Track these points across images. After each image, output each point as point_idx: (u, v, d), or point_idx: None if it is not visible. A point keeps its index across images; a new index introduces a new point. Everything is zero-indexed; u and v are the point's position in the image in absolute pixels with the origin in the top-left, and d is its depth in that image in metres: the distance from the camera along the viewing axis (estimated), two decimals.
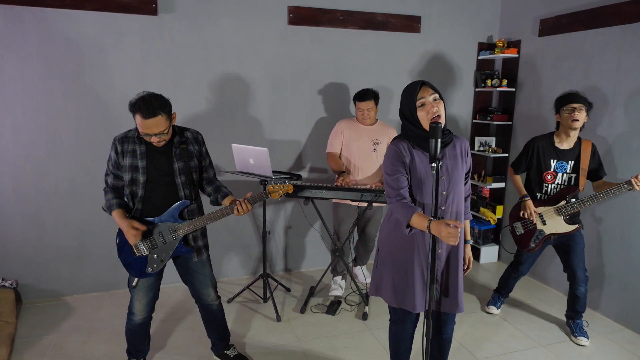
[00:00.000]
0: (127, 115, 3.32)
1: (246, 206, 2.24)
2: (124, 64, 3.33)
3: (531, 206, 2.91)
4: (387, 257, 2.08)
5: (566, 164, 2.89)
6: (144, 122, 2.05)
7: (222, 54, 3.54)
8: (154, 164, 2.21)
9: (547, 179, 2.92)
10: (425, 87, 1.89)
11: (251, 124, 3.73)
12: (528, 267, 3.17)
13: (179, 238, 2.27)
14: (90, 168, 3.38)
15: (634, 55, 3.02)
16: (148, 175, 2.20)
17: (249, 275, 3.97)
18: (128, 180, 2.21)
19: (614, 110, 3.17)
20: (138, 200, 2.23)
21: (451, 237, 1.71)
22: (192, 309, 3.32)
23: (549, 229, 2.91)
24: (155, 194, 2.23)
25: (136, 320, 2.38)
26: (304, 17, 3.67)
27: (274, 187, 2.32)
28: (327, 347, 2.88)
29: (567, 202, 2.83)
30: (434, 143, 1.77)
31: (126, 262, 2.30)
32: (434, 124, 1.78)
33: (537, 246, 2.96)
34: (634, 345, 2.94)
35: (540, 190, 2.94)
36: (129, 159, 2.19)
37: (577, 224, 2.88)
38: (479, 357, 2.79)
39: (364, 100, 3.31)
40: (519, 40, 4.01)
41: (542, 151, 2.91)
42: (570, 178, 2.89)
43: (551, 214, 2.88)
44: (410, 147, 1.96)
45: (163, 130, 2.10)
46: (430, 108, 1.87)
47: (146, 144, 2.21)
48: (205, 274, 2.42)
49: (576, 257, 2.92)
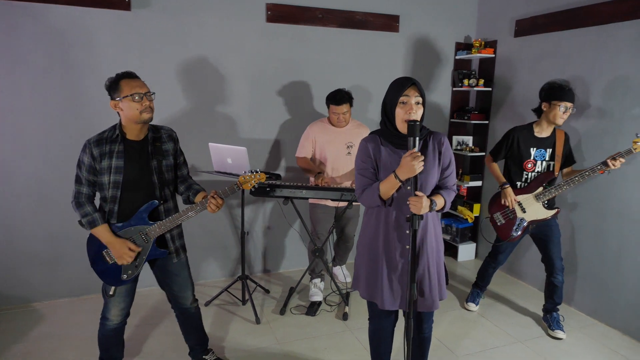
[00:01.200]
0: (101, 113, 3.26)
1: (217, 201, 2.17)
2: (97, 61, 3.22)
3: (511, 193, 2.96)
4: (363, 250, 2.13)
5: (545, 151, 2.96)
6: (131, 82, 2.08)
7: (200, 51, 3.46)
8: (131, 162, 2.14)
9: (527, 167, 2.97)
10: (413, 87, 1.90)
11: (229, 123, 3.66)
12: (506, 256, 3.24)
13: (152, 241, 2.19)
14: (62, 168, 3.25)
15: (608, 55, 3.09)
16: (127, 174, 2.13)
17: (226, 277, 3.90)
18: (107, 182, 2.12)
19: (588, 108, 3.24)
20: (115, 201, 2.14)
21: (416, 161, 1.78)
22: (168, 313, 3.23)
23: (529, 216, 2.96)
24: (133, 194, 2.15)
25: (110, 326, 2.29)
26: (283, 15, 3.63)
27: (245, 178, 2.25)
28: (308, 349, 2.84)
29: (545, 188, 2.89)
30: (412, 141, 1.83)
31: (100, 272, 2.21)
32: (412, 122, 1.82)
33: (520, 234, 3.00)
34: (609, 339, 3.01)
35: (521, 179, 3.00)
36: (108, 161, 2.10)
37: (557, 208, 2.94)
38: (459, 355, 2.81)
39: (340, 105, 3.19)
40: (495, 41, 4.06)
41: (522, 140, 2.97)
42: (549, 165, 2.96)
43: (530, 201, 2.94)
44: (380, 143, 2.01)
45: (149, 92, 2.11)
46: (409, 109, 1.89)
47: (124, 142, 2.14)
48: (184, 276, 2.36)
49: (554, 247, 2.99)
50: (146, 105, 2.09)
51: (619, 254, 3.09)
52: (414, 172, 1.81)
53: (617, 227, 3.09)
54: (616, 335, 3.07)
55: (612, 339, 3.01)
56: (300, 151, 3.40)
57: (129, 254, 2.13)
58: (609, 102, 3.09)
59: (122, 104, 2.08)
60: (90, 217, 2.11)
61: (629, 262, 3.03)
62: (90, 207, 2.12)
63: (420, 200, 1.82)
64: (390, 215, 2.01)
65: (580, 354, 2.84)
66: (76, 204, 2.13)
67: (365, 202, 2.02)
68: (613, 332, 3.10)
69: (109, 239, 2.12)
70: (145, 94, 2.10)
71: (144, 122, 2.12)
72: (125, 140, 2.14)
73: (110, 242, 2.12)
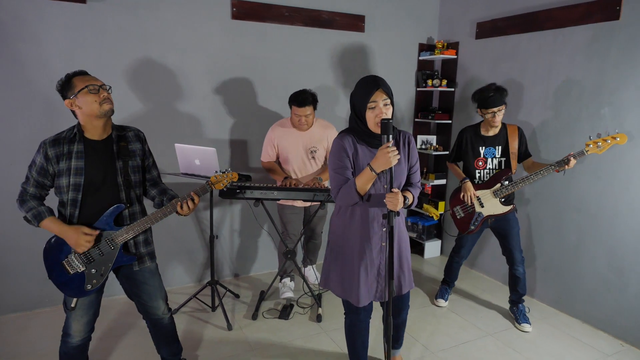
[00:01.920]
0: (53, 112, 3.03)
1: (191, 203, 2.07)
2: (49, 55, 2.99)
3: (470, 188, 3.07)
4: (335, 249, 2.16)
5: (494, 149, 3.08)
6: (85, 77, 1.97)
7: (162, 47, 3.30)
8: (93, 163, 1.99)
9: (478, 165, 3.11)
10: (379, 91, 1.94)
11: (194, 123, 3.52)
12: (468, 250, 3.35)
13: (118, 247, 2.05)
14: (9, 172, 2.99)
15: (564, 57, 3.24)
16: (88, 176, 1.97)
17: (194, 283, 3.75)
18: (67, 185, 1.96)
19: (545, 108, 3.39)
20: (75, 205, 1.98)
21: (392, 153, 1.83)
22: (134, 323, 3.06)
23: (486, 211, 3.08)
24: (95, 197, 2.00)
25: (73, 343, 2.11)
26: (248, 12, 3.54)
27: (217, 177, 2.17)
28: (284, 354, 2.78)
29: (502, 185, 3.01)
30: (385, 138, 1.88)
31: (60, 283, 2.03)
32: (385, 120, 1.88)
33: (476, 228, 3.13)
34: (570, 328, 3.16)
35: (474, 176, 3.13)
36: (66, 162, 1.95)
37: (512, 205, 3.06)
38: (434, 351, 2.84)
39: (302, 107, 3.03)
40: (457, 42, 4.17)
41: (470, 140, 3.12)
42: (501, 162, 3.08)
43: (488, 197, 3.05)
44: (355, 141, 2.04)
45: (104, 85, 2.00)
46: (379, 112, 1.95)
47: (83, 142, 1.98)
48: (154, 284, 2.20)
49: (512, 240, 3.11)
50: (104, 96, 1.96)
51: (577, 246, 3.25)
52: (389, 163, 1.86)
53: (575, 222, 3.25)
54: (577, 324, 3.22)
55: (573, 328, 3.16)
56: (264, 156, 3.30)
57: (86, 238, 1.96)
58: (565, 102, 3.24)
59: (78, 101, 1.93)
60: (35, 210, 1.97)
61: (587, 255, 3.19)
62: (35, 202, 1.99)
63: (397, 197, 1.88)
64: (364, 213, 2.06)
65: (545, 343, 2.96)
66: (20, 201, 2.01)
67: (342, 200, 2.01)
68: (574, 321, 3.26)
69: (59, 228, 1.96)
70: (101, 86, 1.98)
71: (106, 115, 1.98)
72: (85, 139, 2.00)
73: (61, 231, 1.96)
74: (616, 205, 2.99)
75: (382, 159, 1.86)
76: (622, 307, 2.99)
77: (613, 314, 3.04)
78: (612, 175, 3.00)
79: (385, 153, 1.84)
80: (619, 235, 2.99)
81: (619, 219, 2.98)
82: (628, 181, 2.92)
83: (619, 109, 2.93)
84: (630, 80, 2.87)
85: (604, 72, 3.01)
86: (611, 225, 3.03)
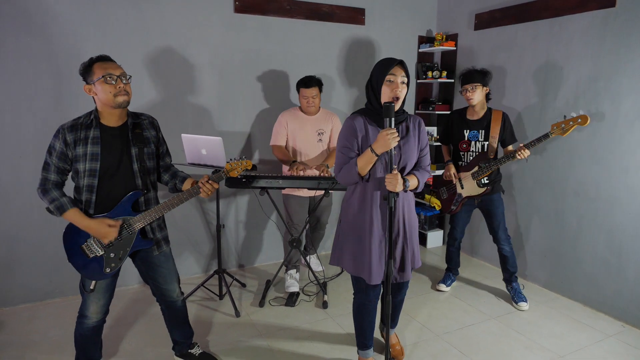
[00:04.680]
0: (60, 105, 3.07)
1: (212, 185, 2.12)
2: (54, 48, 3.03)
3: (451, 168, 3.23)
4: (347, 227, 2.19)
5: (477, 132, 3.18)
6: (105, 64, 1.98)
7: (166, 40, 3.35)
8: (108, 149, 2.03)
9: (462, 147, 3.23)
10: (399, 66, 1.98)
11: (199, 114, 3.57)
12: (461, 231, 3.46)
13: (135, 232, 2.10)
14: (18, 165, 3.04)
15: (560, 46, 3.31)
16: (104, 162, 2.01)
17: (200, 273, 3.80)
18: (82, 170, 2.00)
19: (541, 97, 3.45)
20: (92, 191, 2.02)
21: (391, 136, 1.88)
22: (142, 312, 3.11)
23: (465, 192, 3.22)
24: (111, 183, 2.04)
25: (89, 324, 2.17)
26: (250, 5, 3.59)
27: (232, 165, 2.21)
28: (292, 338, 2.82)
29: (480, 167, 3.10)
30: (388, 121, 1.93)
31: (79, 266, 2.08)
32: (387, 103, 1.92)
33: (457, 208, 3.28)
34: (572, 311, 3.22)
35: (461, 158, 3.26)
36: (82, 148, 1.99)
37: (487, 187, 3.14)
38: (439, 333, 2.90)
39: (309, 87, 3.26)
40: (456, 34, 4.23)
41: (456, 123, 3.25)
42: (483, 146, 3.17)
43: (468, 179, 3.18)
44: (366, 122, 2.08)
45: (124, 73, 2.02)
46: (395, 87, 1.98)
47: (100, 128, 2.03)
48: (169, 268, 2.27)
49: (496, 219, 3.23)
50: (121, 88, 1.98)
51: (578, 231, 3.31)
52: (388, 146, 1.91)
53: (575, 206, 3.31)
54: (578, 307, 3.28)
55: (574, 310, 3.22)
56: (275, 139, 3.39)
57: (111, 230, 2.02)
58: (562, 89, 3.30)
59: (95, 88, 1.97)
60: (57, 202, 1.98)
61: (587, 239, 3.25)
62: (58, 192, 2.00)
63: (396, 177, 1.93)
64: (375, 194, 2.10)
65: (547, 325, 3.02)
66: (42, 190, 2.00)
67: (343, 178, 2.07)
68: (575, 304, 3.32)
69: (83, 222, 2.00)
70: (120, 76, 1.99)
71: (120, 107, 2.01)
72: (101, 125, 2.04)
73: (86, 225, 2.00)
74: (614, 189, 3.06)
75: (382, 141, 1.92)
76: (621, 289, 3.05)
77: (613, 296, 3.10)
78: (610, 160, 3.07)
79: (385, 135, 1.90)
80: (617, 218, 3.05)
81: (617, 203, 3.04)
82: (626, 165, 2.98)
83: (615, 95, 2.99)
84: (626, 67, 2.93)
85: (599, 60, 3.07)
86: (610, 209, 3.09)
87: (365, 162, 1.99)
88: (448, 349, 2.73)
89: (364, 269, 2.13)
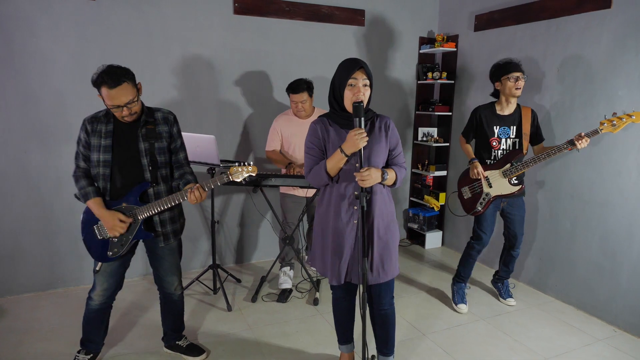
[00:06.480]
0: (63, 104, 3.20)
1: (199, 193, 2.16)
2: (59, 50, 3.17)
3: (479, 166, 3.00)
4: (316, 227, 2.21)
5: (509, 129, 3.02)
6: (110, 93, 2.01)
7: (166, 42, 3.45)
8: (120, 143, 2.17)
9: (492, 144, 3.03)
10: (361, 70, 2.00)
11: (197, 115, 3.66)
12: (490, 235, 3.16)
13: (139, 222, 2.21)
14: (23, 160, 3.18)
15: (558, 47, 3.28)
16: (113, 154, 2.16)
17: (198, 269, 3.89)
18: (96, 160, 2.16)
19: (540, 98, 3.43)
20: (106, 179, 2.18)
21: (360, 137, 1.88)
22: (133, 303, 3.21)
23: (494, 191, 3.01)
24: (122, 174, 2.19)
25: (93, 306, 2.32)
26: (250, 7, 3.67)
27: (237, 169, 2.23)
28: (279, 333, 2.89)
29: (512, 165, 2.96)
30: (357, 121, 1.93)
31: (88, 244, 2.25)
32: (357, 103, 1.93)
33: (484, 208, 3.06)
34: (564, 314, 3.19)
35: (490, 156, 3.06)
36: (97, 139, 2.15)
37: (522, 185, 3.02)
38: (426, 332, 2.92)
39: (297, 93, 3.22)
40: (456, 35, 4.23)
41: (485, 119, 3.04)
42: (515, 143, 3.03)
43: (497, 177, 3.00)
44: (328, 123, 2.09)
45: (132, 99, 2.06)
46: (357, 91, 1.98)
47: (114, 122, 2.17)
48: (171, 261, 2.38)
49: (519, 225, 3.14)
50: (126, 114, 2.09)
51: (572, 234, 3.28)
52: (357, 146, 1.90)
53: (570, 208, 3.28)
54: (571, 310, 3.25)
55: (567, 314, 3.19)
56: (270, 145, 3.43)
57: (120, 225, 2.16)
58: (559, 91, 3.28)
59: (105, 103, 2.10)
60: (84, 190, 2.18)
61: (581, 242, 3.22)
62: (85, 181, 2.19)
63: (370, 172, 1.91)
64: (341, 191, 2.07)
65: (536, 327, 3.00)
66: (75, 178, 2.21)
67: (313, 180, 2.09)
68: (569, 307, 3.29)
69: (99, 212, 2.16)
70: (124, 106, 2.05)
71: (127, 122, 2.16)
72: (115, 120, 2.18)
73: (101, 215, 2.16)
74: (608, 192, 3.02)
75: (350, 142, 1.91)
76: (615, 293, 3.02)
77: (606, 300, 3.07)
78: (604, 163, 3.03)
79: (354, 136, 1.89)
80: (611, 221, 3.02)
81: (611, 206, 3.01)
82: (619, 168, 2.94)
83: (610, 97, 2.96)
84: (621, 68, 2.89)
85: (595, 61, 3.04)
86: (603, 212, 3.06)
87: (335, 163, 1.99)
88: (433, 347, 2.75)
89: (326, 269, 2.16)
